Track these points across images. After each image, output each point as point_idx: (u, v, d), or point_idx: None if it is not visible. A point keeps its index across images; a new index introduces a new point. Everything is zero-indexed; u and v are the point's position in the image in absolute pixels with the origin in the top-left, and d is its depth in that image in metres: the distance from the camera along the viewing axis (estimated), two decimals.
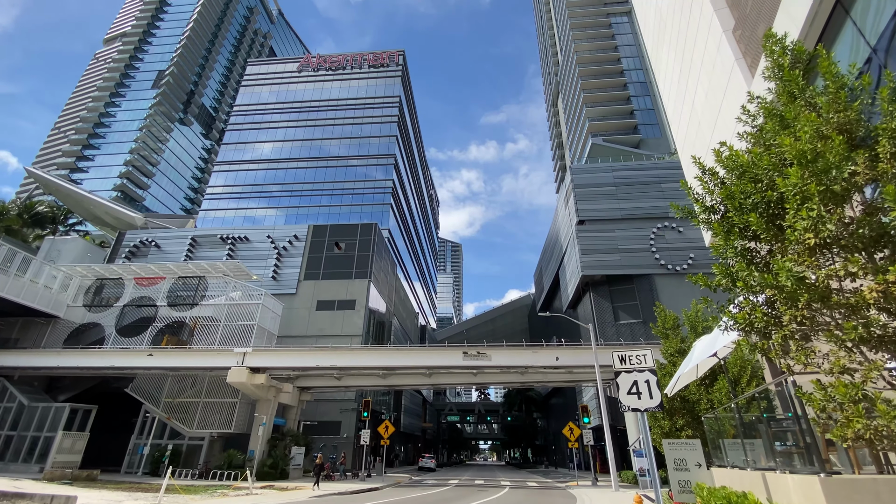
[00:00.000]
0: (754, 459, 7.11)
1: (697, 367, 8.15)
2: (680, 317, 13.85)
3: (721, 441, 8.25)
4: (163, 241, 47.81)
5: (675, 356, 12.28)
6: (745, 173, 4.66)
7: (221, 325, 32.32)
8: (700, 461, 8.66)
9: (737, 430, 7.94)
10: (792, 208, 3.99)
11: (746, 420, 7.28)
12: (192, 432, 29.46)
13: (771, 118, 4.67)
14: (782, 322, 4.56)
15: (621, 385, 6.24)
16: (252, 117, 67.36)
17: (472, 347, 27.69)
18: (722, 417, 8.48)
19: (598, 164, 48.76)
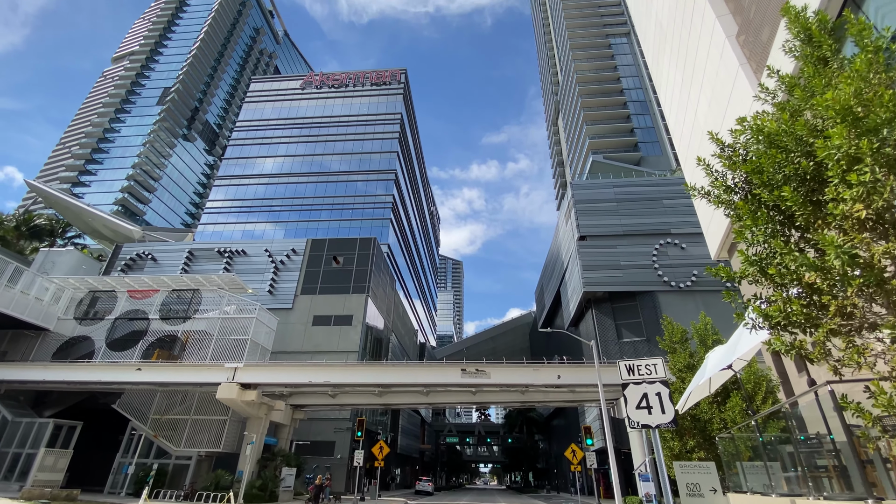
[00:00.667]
0: (777, 484, 6.38)
1: (710, 380, 7.47)
2: (688, 330, 13.15)
3: (739, 463, 7.49)
4: (159, 254, 47.35)
5: (684, 372, 11.56)
6: (774, 143, 4.07)
7: (214, 339, 31.49)
8: (715, 486, 7.89)
9: (757, 451, 7.21)
10: (835, 175, 3.39)
11: (768, 439, 6.58)
12: (179, 451, 28.36)
13: (798, 89, 4.13)
14: (827, 314, 3.91)
15: (629, 398, 5.56)
16: (254, 133, 67.77)
17: (470, 364, 26.81)
18: (739, 437, 7.75)
19: (598, 179, 48.57)
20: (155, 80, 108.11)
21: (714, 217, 17.79)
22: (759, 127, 4.37)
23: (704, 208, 18.76)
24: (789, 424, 6.34)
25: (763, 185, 4.17)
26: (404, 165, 68.83)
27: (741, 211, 4.54)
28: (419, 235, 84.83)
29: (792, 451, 6.70)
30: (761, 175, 4.16)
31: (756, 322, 4.75)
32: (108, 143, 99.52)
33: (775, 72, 4.83)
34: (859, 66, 3.40)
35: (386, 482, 49.91)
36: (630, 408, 5.53)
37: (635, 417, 5.45)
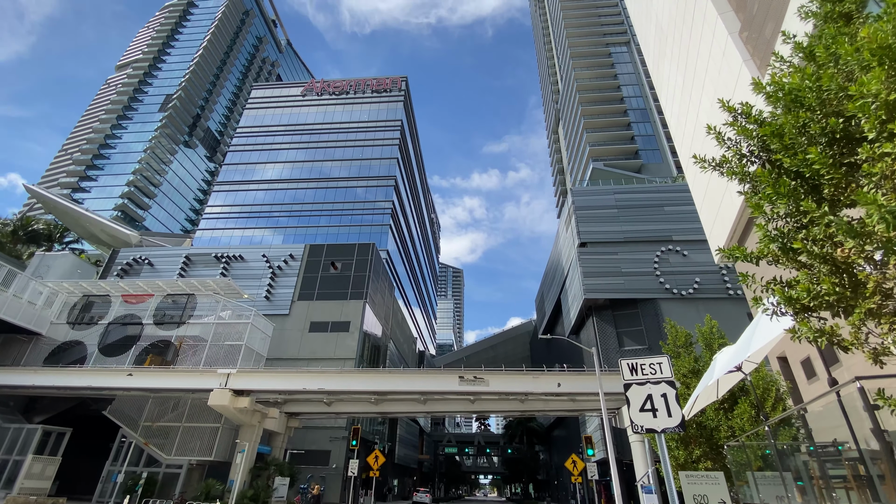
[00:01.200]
0: (792, 496, 5.88)
1: (718, 382, 6.99)
2: (692, 334, 12.65)
3: (750, 473, 6.99)
4: (156, 259, 46.98)
5: (689, 377, 11.05)
6: (797, 100, 3.61)
7: (208, 345, 30.97)
8: (724, 498, 7.36)
9: (769, 460, 6.72)
10: (872, 128, 2.92)
11: (782, 447, 6.09)
12: (169, 459, 27.68)
13: (820, 47, 3.70)
14: (864, 292, 3.43)
15: (632, 400, 5.09)
16: (255, 139, 67.81)
17: (468, 372, 26.23)
18: (749, 445, 7.25)
19: (599, 186, 48.29)
20: (157, 88, 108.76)
21: (718, 218, 17.39)
22: (779, 84, 3.94)
23: (707, 210, 18.37)
24: (807, 430, 5.86)
25: (784, 150, 3.73)
26: (404, 172, 68.72)
27: (759, 180, 4.04)
28: (419, 243, 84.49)
29: (806, 461, 6.21)
30: (782, 138, 3.72)
31: (777, 308, 4.29)
32: (109, 150, 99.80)
33: (791, 37, 4.42)
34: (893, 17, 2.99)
35: (383, 493, 48.91)
36: (633, 410, 5.06)
37: (639, 421, 4.97)
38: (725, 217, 16.34)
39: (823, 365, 11.37)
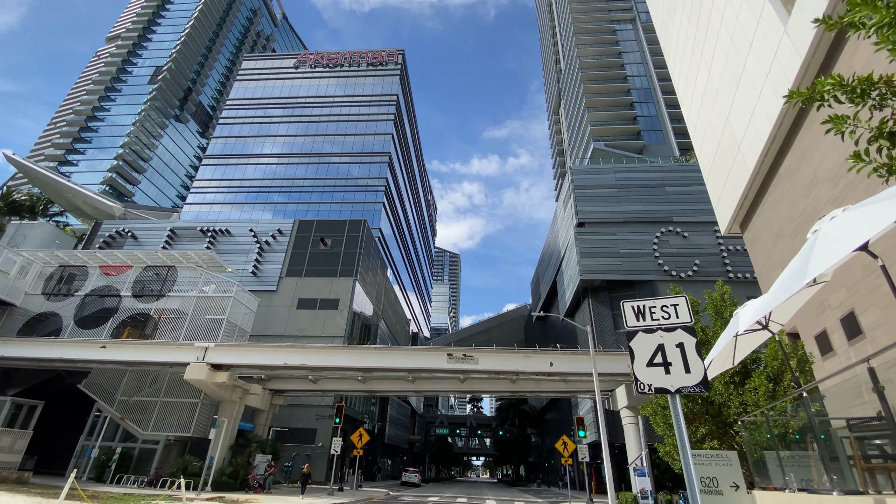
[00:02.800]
0: (836, 478, 4.72)
1: (736, 343, 5.77)
2: (700, 301, 11.43)
3: (775, 453, 5.85)
4: (140, 231, 45.45)
5: None
6: None
7: (188, 318, 29.77)
8: (738, 481, 6.22)
9: (790, 438, 5.58)
10: None
11: (817, 421, 4.91)
12: (146, 435, 26.73)
13: None
14: None
15: (637, 352, 3.84)
16: (245, 112, 65.53)
17: (457, 349, 25.16)
18: (775, 422, 6.09)
19: (599, 165, 46.75)
20: (147, 60, 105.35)
21: (726, 187, 16.08)
22: None
23: (715, 178, 17.02)
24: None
25: None
26: (399, 150, 66.80)
27: None
28: (414, 223, 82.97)
29: (846, 436, 5.03)
30: None
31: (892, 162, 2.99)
32: (97, 122, 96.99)
33: None
34: None
35: (372, 472, 48.50)
36: (638, 365, 3.81)
37: (646, 378, 3.73)
38: (735, 184, 15.02)
39: (844, 337, 10.19)
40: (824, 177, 10.74)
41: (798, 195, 11.88)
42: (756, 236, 14.95)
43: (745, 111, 13.55)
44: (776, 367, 8.17)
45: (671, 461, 9.78)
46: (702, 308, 11.30)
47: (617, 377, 25.61)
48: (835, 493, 4.31)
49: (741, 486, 6.15)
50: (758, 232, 14.77)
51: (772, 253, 13.56)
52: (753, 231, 15.20)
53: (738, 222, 16.05)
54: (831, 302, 10.64)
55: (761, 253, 14.68)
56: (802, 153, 11.64)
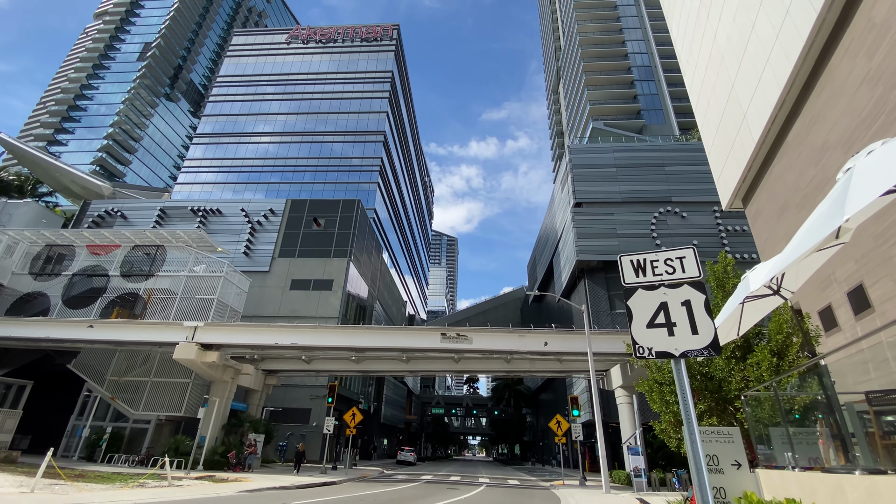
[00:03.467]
0: (850, 457, 4.28)
1: (742, 311, 5.26)
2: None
3: (783, 430, 5.41)
4: (130, 211, 44.57)
5: None
6: None
7: (178, 298, 29.27)
8: (740, 459, 5.79)
9: (806, 413, 5.13)
10: None
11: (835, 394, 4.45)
12: (137, 414, 26.53)
13: None
14: None
15: (636, 312, 3.31)
16: (236, 89, 63.81)
17: (450, 329, 24.79)
18: (778, 396, 5.63)
19: (598, 143, 45.83)
20: (135, 36, 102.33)
21: (729, 160, 15.46)
22: None
23: (718, 149, 16.38)
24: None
25: None
26: (395, 129, 65.43)
27: None
28: (411, 205, 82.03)
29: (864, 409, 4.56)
30: None
31: None
32: (85, 101, 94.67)
33: None
34: None
35: (368, 452, 48.87)
36: (637, 327, 3.28)
37: (646, 341, 3.20)
38: (739, 155, 14.40)
39: (851, 312, 9.74)
40: (836, 142, 10.13)
41: (807, 164, 11.28)
42: (759, 210, 14.41)
43: (753, 76, 12.84)
44: (780, 340, 7.72)
45: (667, 439, 9.43)
46: (703, 279, 10.86)
47: (612, 357, 25.39)
48: (857, 472, 3.86)
49: (744, 465, 5.74)
50: (761, 205, 14.22)
51: (776, 227, 13.03)
52: (756, 205, 14.64)
53: (740, 196, 15.49)
54: (838, 275, 10.15)
55: (764, 227, 14.15)
56: (813, 118, 10.99)
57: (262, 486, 15.83)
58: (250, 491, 14.48)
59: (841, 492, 3.84)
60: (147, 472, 18.56)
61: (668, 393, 8.97)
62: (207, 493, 13.38)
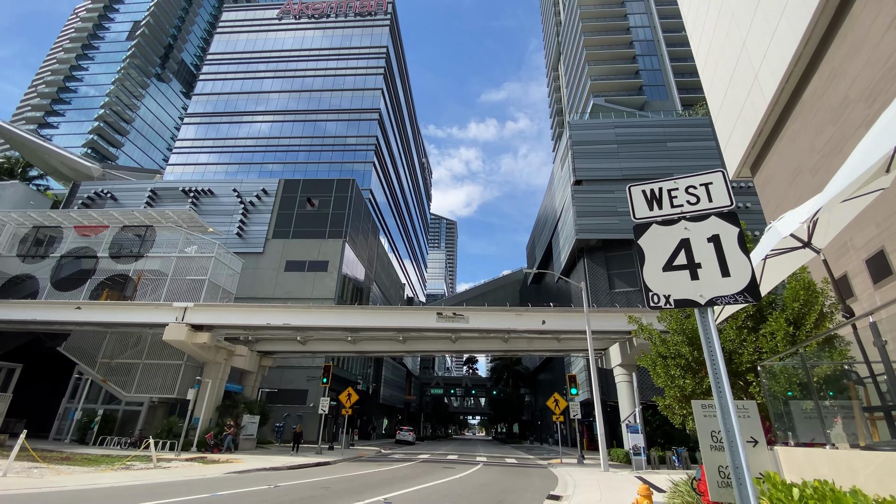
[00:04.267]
0: None
1: (764, 267, 4.58)
2: None
3: (815, 403, 4.77)
4: (120, 193, 43.64)
5: None
6: None
7: (168, 279, 28.65)
8: (756, 435, 5.20)
9: (832, 384, 4.51)
10: None
11: None
12: (129, 397, 26.16)
13: None
14: None
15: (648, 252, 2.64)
16: (227, 67, 61.99)
17: (447, 308, 24.27)
18: (806, 364, 5.00)
19: (599, 119, 44.63)
20: (124, 14, 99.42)
21: (738, 125, 14.61)
22: None
23: (726, 115, 15.50)
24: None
25: None
26: (391, 107, 63.84)
27: None
28: (408, 186, 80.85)
29: None
30: None
31: None
32: (75, 83, 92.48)
33: None
34: None
35: (367, 432, 49.04)
36: (650, 270, 2.60)
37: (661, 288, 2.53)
38: (749, 118, 13.56)
39: (869, 280, 9.08)
40: (858, 96, 9.31)
41: (823, 123, 10.48)
42: (769, 177, 13.65)
43: (766, 31, 11.92)
44: (797, 309, 7.07)
45: (671, 415, 8.90)
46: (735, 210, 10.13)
47: (611, 335, 24.94)
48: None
49: (761, 442, 5.14)
50: (771, 172, 13.45)
51: (787, 193, 12.30)
52: (766, 172, 13.87)
53: (748, 164, 14.70)
54: (856, 242, 9.47)
55: (774, 195, 13.42)
56: (832, 73, 10.14)
57: (253, 468, 15.45)
58: (239, 472, 14.07)
59: (892, 473, 3.23)
60: (139, 453, 18.20)
61: (674, 367, 8.37)
62: (193, 474, 12.96)
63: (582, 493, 11.56)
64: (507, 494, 11.36)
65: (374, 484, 12.33)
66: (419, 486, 12.24)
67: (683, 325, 8.26)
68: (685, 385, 8.02)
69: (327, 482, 12.21)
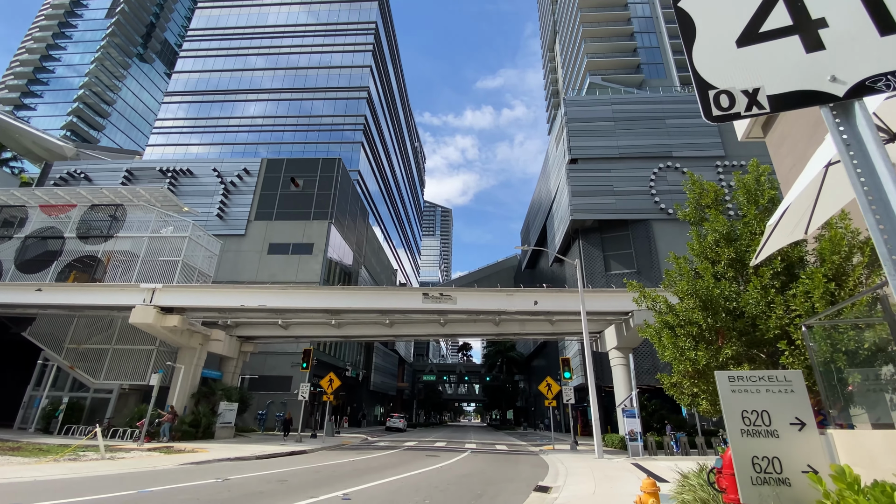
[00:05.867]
0: None
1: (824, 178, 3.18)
2: (725, 189, 8.67)
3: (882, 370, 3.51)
4: (94, 173, 41.65)
5: (721, 246, 7.30)
6: None
7: (140, 260, 27.03)
8: (803, 416, 3.87)
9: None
10: None
11: None
12: (98, 384, 24.76)
13: None
14: None
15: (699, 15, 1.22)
16: (208, 43, 59.37)
17: (433, 289, 22.92)
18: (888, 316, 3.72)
19: (595, 96, 42.96)
20: None
21: None
22: None
23: None
24: None
25: None
26: (380, 86, 61.62)
27: None
28: (400, 170, 78.88)
29: None
30: None
31: None
32: (53, 62, 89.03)
33: None
34: None
35: (357, 419, 48.06)
36: (707, 48, 1.19)
37: (738, 76, 1.14)
38: None
39: None
40: None
41: None
42: (784, 134, 12.20)
43: None
44: (837, 263, 5.73)
45: (678, 395, 7.61)
46: (726, 197, 8.70)
47: (607, 316, 23.73)
48: None
49: (809, 424, 3.82)
50: (787, 129, 12.01)
51: (806, 149, 10.87)
52: (780, 129, 12.42)
53: (760, 121, 13.24)
54: None
55: (790, 154, 11.98)
56: None
57: (217, 458, 14.14)
58: (196, 463, 12.75)
59: None
60: (89, 443, 16.83)
61: (684, 337, 7.04)
62: (142, 466, 11.62)
63: (574, 484, 10.33)
64: (488, 486, 10.11)
65: (341, 476, 11.05)
66: (392, 477, 10.97)
67: (696, 287, 6.90)
68: (698, 358, 6.69)
69: (289, 474, 10.91)
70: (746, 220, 7.20)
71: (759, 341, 6.34)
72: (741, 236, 7.19)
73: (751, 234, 7.04)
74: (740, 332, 6.52)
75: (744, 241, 7.09)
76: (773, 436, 3.88)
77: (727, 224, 7.36)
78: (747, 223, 7.15)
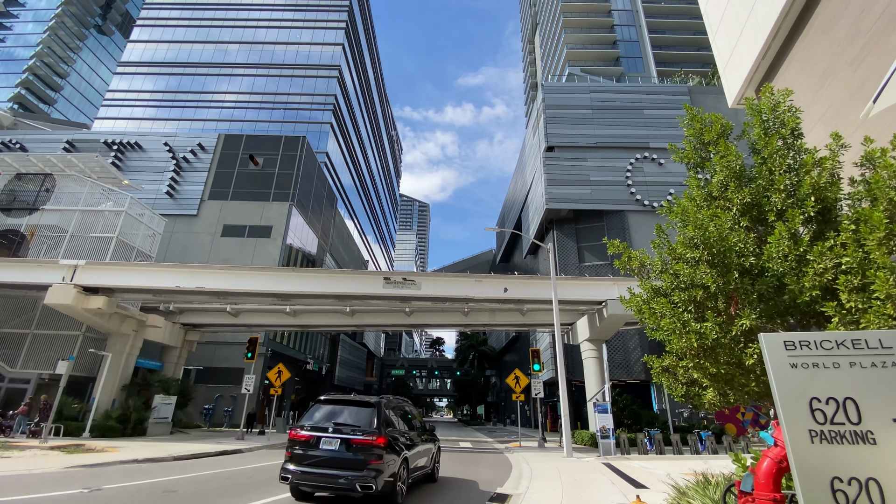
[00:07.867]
0: None
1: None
2: (732, 122, 7.11)
3: None
4: (31, 143, 37.74)
5: (729, 187, 5.75)
6: None
7: (68, 236, 24.10)
8: None
9: None
10: None
11: None
12: (14, 373, 21.86)
13: None
14: None
15: None
16: (168, 12, 55.30)
17: (395, 273, 21.03)
18: None
19: (574, 83, 41.77)
20: None
21: (744, 34, 11.75)
22: None
23: (727, 30, 12.63)
24: None
25: None
26: (353, 67, 58.91)
27: None
28: (374, 157, 76.26)
29: None
30: None
31: None
32: (3, 31, 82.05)
33: None
34: None
35: None
36: None
37: None
38: (762, 19, 10.68)
39: None
40: None
41: None
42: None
43: None
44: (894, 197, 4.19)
45: (670, 383, 6.02)
46: (735, 134, 7.09)
47: (579, 306, 22.41)
48: None
49: None
50: (789, 84, 10.66)
51: (812, 104, 9.51)
52: (780, 85, 11.07)
53: (755, 83, 11.89)
54: None
55: None
56: None
57: (121, 459, 11.92)
58: (90, 466, 10.55)
59: None
60: None
61: (685, 303, 5.34)
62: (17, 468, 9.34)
63: (537, 491, 8.70)
64: (434, 496, 8.35)
65: (257, 484, 9.09)
66: None
67: (706, 233, 5.30)
68: (705, 331, 5.01)
69: (190, 481, 8.88)
70: (768, 154, 5.62)
71: (787, 307, 4.80)
72: (759, 176, 5.62)
73: (769, 175, 5.49)
74: (760, 295, 4.95)
75: (761, 181, 5.52)
76: (867, 441, 2.22)
77: (741, 157, 5.81)
78: (766, 158, 5.60)
